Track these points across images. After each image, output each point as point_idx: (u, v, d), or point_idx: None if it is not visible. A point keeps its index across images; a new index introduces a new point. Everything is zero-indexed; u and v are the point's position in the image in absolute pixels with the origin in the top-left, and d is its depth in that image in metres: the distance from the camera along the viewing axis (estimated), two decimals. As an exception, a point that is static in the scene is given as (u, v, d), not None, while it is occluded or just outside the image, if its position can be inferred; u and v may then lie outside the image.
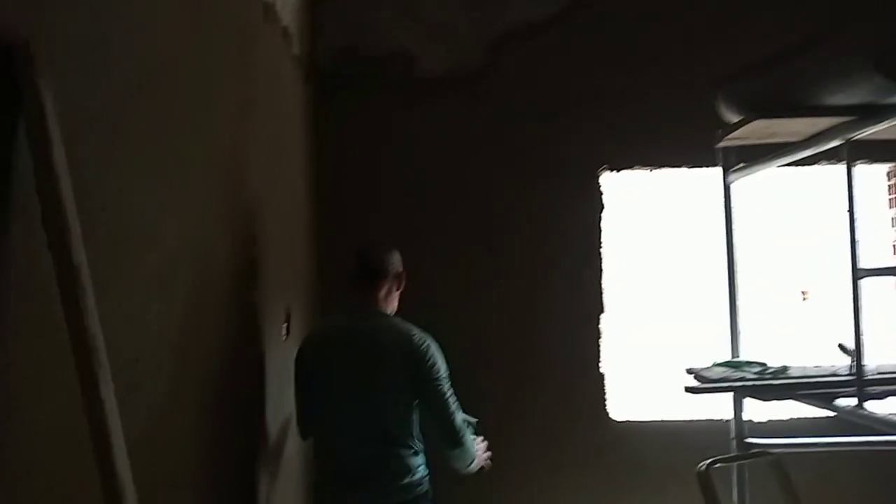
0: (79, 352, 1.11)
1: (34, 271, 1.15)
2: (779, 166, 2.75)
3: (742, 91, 2.21)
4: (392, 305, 2.42)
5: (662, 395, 3.53)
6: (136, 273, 1.51)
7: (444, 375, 2.29)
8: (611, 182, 3.44)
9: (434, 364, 2.26)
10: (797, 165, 3.28)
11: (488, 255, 3.40)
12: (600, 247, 3.38)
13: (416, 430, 2.29)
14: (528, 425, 3.33)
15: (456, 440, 2.26)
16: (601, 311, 3.36)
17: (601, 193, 3.40)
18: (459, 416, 2.29)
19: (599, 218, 3.39)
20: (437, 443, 2.30)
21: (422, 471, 2.29)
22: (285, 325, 2.78)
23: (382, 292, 2.36)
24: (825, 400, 2.23)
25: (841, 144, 2.15)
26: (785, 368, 2.48)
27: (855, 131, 2.03)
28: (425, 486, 2.28)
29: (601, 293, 3.37)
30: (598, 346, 3.36)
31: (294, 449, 2.83)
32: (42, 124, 1.11)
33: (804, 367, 2.54)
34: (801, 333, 4.29)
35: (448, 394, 2.28)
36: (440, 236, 3.36)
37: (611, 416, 3.36)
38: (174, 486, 1.66)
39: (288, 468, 2.79)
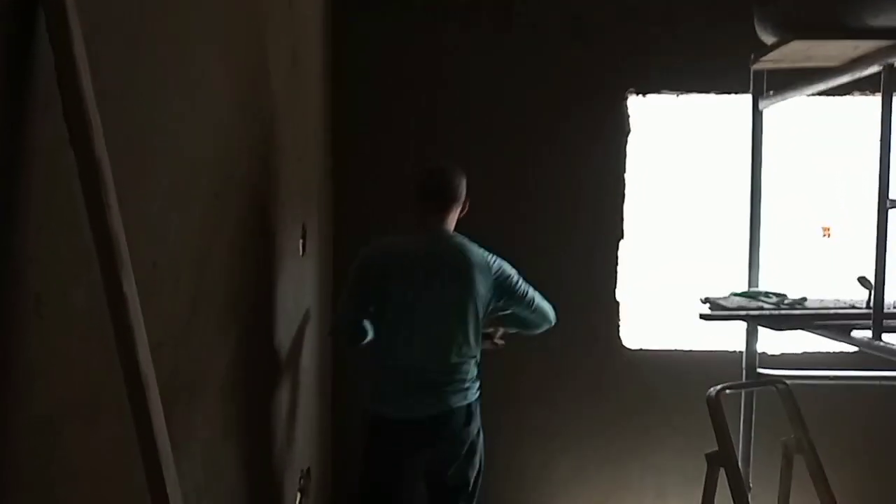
0: (101, 247, 1.11)
1: (56, 167, 1.15)
2: (812, 94, 2.67)
3: (781, 11, 2.12)
4: (453, 226, 2.54)
5: (677, 325, 3.54)
6: (156, 180, 1.50)
7: (517, 278, 2.54)
8: (638, 106, 3.36)
9: (509, 276, 2.50)
10: (829, 95, 3.20)
11: (510, 175, 3.36)
12: (624, 172, 3.33)
13: (479, 342, 2.49)
14: (541, 349, 3.37)
15: (549, 320, 2.64)
16: (620, 237, 3.34)
17: (628, 117, 3.33)
18: (545, 303, 2.61)
19: (625, 142, 3.33)
20: (531, 326, 2.65)
21: (478, 378, 2.53)
22: (301, 241, 2.79)
23: (452, 215, 2.49)
24: (841, 332, 2.22)
25: (879, 71, 2.06)
26: (803, 300, 2.47)
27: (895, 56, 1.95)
28: (479, 391, 2.54)
29: (622, 219, 3.34)
30: (616, 272, 3.36)
31: (308, 362, 2.89)
32: (62, 17, 1.08)
33: (822, 300, 2.53)
34: (821, 269, 4.26)
35: (528, 292, 2.56)
36: (462, 158, 3.30)
37: (624, 343, 3.39)
38: (193, 391, 1.70)
39: (306, 380, 2.86)
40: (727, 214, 3.44)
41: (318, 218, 3.09)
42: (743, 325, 2.86)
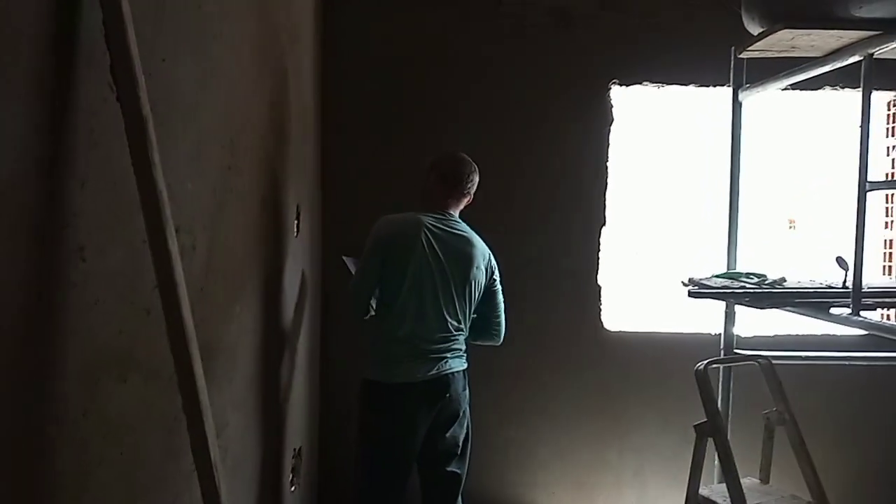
0: (147, 204, 1.14)
1: (97, 125, 1.16)
2: (789, 86, 2.79)
3: (770, 0, 2.22)
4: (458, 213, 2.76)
5: (655, 307, 3.65)
6: (177, 146, 1.52)
7: (499, 284, 2.78)
8: (620, 97, 3.45)
9: (497, 277, 2.76)
10: (802, 89, 3.34)
11: (494, 161, 3.40)
12: (607, 161, 3.42)
13: (470, 318, 2.71)
14: (523, 331, 3.44)
15: (500, 333, 2.82)
16: (603, 223, 3.43)
17: (611, 107, 3.41)
18: (504, 318, 2.81)
19: (608, 132, 3.42)
20: (486, 334, 2.79)
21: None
22: (296, 222, 2.81)
23: (461, 204, 2.73)
24: (821, 309, 2.34)
25: (860, 61, 2.18)
26: (782, 280, 2.58)
27: (878, 46, 2.06)
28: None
29: (604, 206, 3.43)
30: (598, 257, 3.44)
31: (301, 342, 2.92)
32: (109, -27, 1.10)
33: (800, 281, 2.65)
34: (787, 261, 4.42)
35: (501, 300, 2.79)
36: (445, 143, 3.36)
37: (605, 325, 3.48)
38: (208, 356, 1.72)
39: (300, 360, 2.89)
40: (704, 202, 3.58)
41: (310, 200, 3.10)
42: (720, 308, 2.99)
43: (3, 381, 0.94)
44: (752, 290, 2.44)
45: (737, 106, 2.98)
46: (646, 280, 3.72)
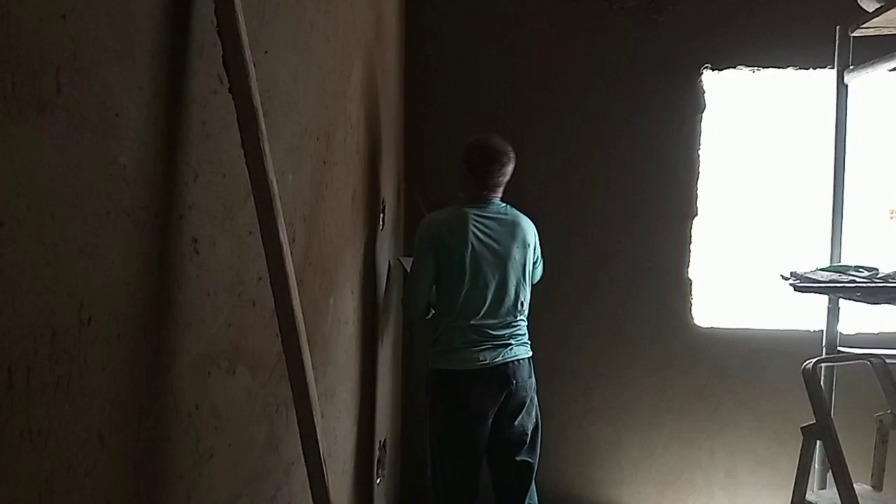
0: (260, 194, 1.13)
1: (211, 114, 1.16)
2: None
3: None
4: None
5: (749, 303, 3.49)
6: (278, 138, 1.52)
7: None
8: (713, 82, 3.30)
9: (538, 242, 2.79)
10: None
11: (583, 152, 3.33)
12: (698, 148, 3.28)
13: (528, 302, 2.73)
14: (609, 325, 3.36)
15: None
16: (694, 214, 3.30)
17: (703, 93, 3.27)
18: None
19: (700, 119, 3.28)
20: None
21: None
22: (381, 215, 2.80)
23: (498, 194, 2.70)
24: (942, 304, 2.17)
25: None
26: (896, 274, 2.41)
27: None
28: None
29: (696, 196, 3.29)
30: (689, 250, 3.32)
31: (386, 338, 2.92)
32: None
33: (915, 274, 2.46)
34: (888, 253, 4.15)
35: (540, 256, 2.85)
36: (534, 131, 3.30)
37: (695, 321, 3.35)
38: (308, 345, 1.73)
39: (384, 354, 2.89)
40: (801, 191, 3.38)
41: (393, 194, 3.10)
42: (819, 303, 2.82)
43: (125, 375, 0.95)
44: (864, 285, 2.29)
45: (842, 89, 2.80)
46: (739, 274, 3.56)
